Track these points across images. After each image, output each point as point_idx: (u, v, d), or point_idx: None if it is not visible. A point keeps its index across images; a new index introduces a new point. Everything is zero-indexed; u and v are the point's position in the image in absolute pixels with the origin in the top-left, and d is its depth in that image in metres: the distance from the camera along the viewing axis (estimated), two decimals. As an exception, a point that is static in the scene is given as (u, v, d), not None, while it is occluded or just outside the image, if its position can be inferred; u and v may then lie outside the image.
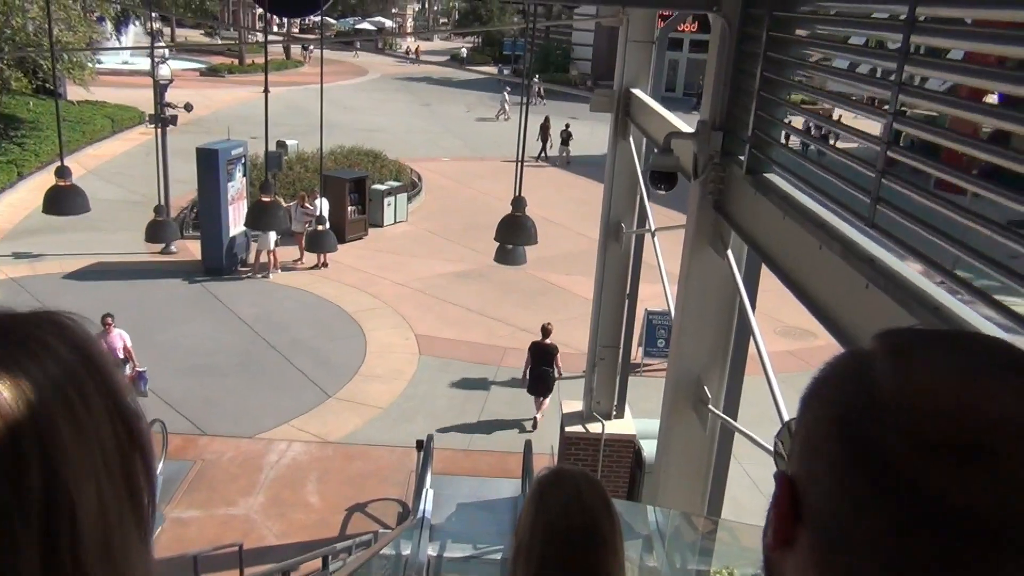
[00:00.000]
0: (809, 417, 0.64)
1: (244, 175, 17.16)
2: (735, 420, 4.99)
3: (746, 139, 4.22)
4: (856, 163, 3.05)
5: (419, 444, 9.64)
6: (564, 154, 29.61)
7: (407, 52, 56.31)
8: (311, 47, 56.39)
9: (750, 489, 8.94)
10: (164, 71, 16.92)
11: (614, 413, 9.29)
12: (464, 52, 59.89)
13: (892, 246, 2.75)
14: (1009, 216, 2.22)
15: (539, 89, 36.07)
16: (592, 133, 36.49)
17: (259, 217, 7.29)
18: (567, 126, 29.61)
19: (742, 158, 4.39)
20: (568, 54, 49.91)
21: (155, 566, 0.60)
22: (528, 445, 9.66)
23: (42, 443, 0.54)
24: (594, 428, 9.13)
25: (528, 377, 11.62)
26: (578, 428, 9.19)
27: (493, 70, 52.55)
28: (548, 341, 11.71)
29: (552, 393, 11.78)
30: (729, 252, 4.69)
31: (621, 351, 9.06)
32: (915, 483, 0.55)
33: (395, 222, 20.75)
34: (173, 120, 17.10)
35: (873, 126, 3.04)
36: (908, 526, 0.55)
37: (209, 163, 16.15)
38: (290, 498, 9.89)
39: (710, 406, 5.01)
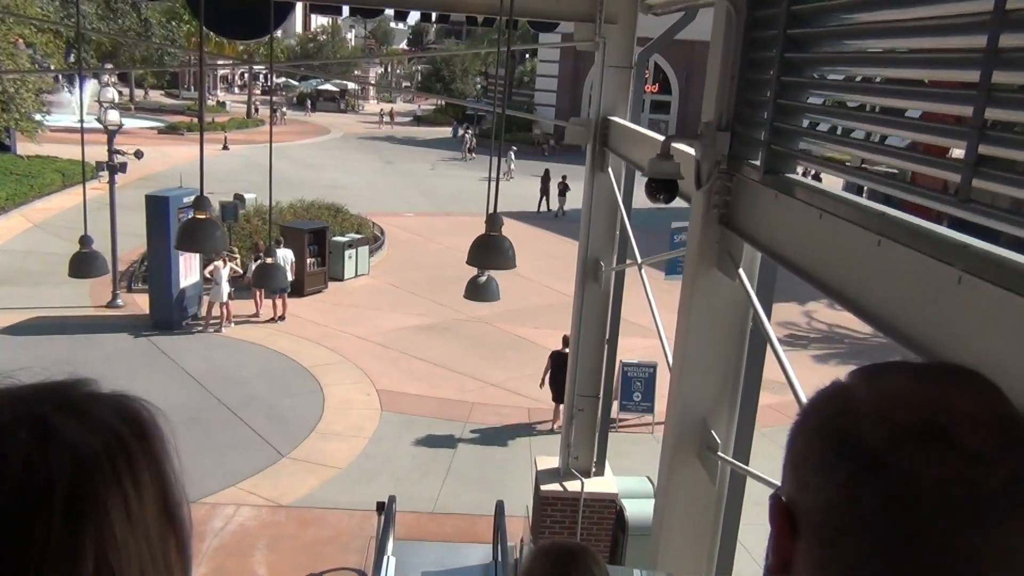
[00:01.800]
0: (797, 443, 0.72)
1: (197, 225, 16.34)
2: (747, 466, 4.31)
3: (762, 136, 3.63)
4: (935, 126, 2.45)
5: (380, 506, 8.75)
6: (560, 206, 30.09)
7: (382, 114, 56.26)
8: (284, 111, 56.29)
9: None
10: (113, 116, 16.19)
11: (594, 470, 8.54)
12: (418, 110, 60.22)
13: (998, 224, 2.12)
14: None
15: (510, 156, 36.55)
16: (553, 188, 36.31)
17: (192, 237, 5.97)
18: (564, 178, 29.96)
19: (755, 161, 3.81)
20: (531, 112, 50.01)
21: None
22: (500, 506, 8.83)
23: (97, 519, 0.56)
24: (572, 486, 8.35)
25: (547, 383, 12.37)
26: (555, 487, 8.41)
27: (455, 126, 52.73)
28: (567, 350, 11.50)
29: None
30: (741, 271, 4.06)
31: (601, 401, 8.35)
32: (891, 464, 0.65)
33: (356, 275, 20.00)
34: (123, 167, 16.35)
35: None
36: (889, 501, 0.64)
37: (159, 210, 15.35)
38: (235, 569, 8.92)
39: (719, 453, 4.32)
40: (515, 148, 37.55)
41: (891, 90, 2.94)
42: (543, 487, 8.41)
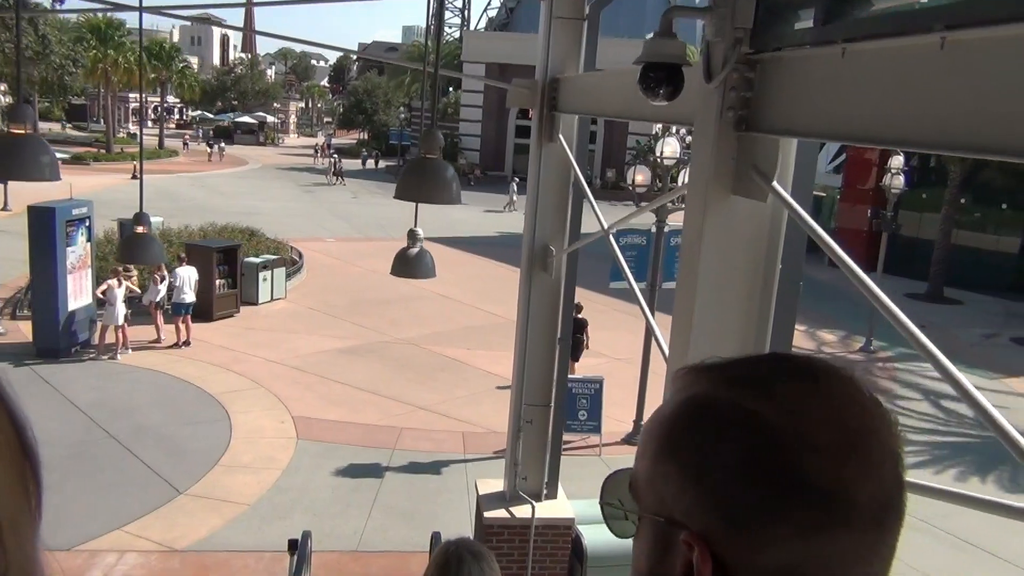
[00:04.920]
0: (704, 474, 0.68)
1: (88, 240, 14.66)
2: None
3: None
4: None
5: (292, 545, 7.32)
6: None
7: (316, 147, 54.81)
8: (222, 145, 54.27)
9: None
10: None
11: (545, 492, 7.32)
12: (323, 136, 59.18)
13: None
14: None
15: (513, 187, 36.46)
16: (483, 215, 35.46)
17: (133, 250, 6.99)
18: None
19: (800, 23, 2.76)
20: (456, 143, 49.23)
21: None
22: (436, 540, 7.50)
23: None
24: (521, 512, 7.12)
25: None
26: (501, 512, 7.15)
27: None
28: (580, 316, 12.91)
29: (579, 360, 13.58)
30: (775, 185, 2.97)
31: (553, 411, 7.17)
32: (827, 486, 0.65)
33: (272, 299, 18.44)
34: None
35: None
36: (825, 523, 0.65)
37: (43, 223, 13.63)
38: (115, 629, 7.36)
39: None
40: (518, 180, 35.34)
41: None
42: (487, 514, 7.14)
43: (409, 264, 5.35)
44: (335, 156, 45.87)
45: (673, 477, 0.70)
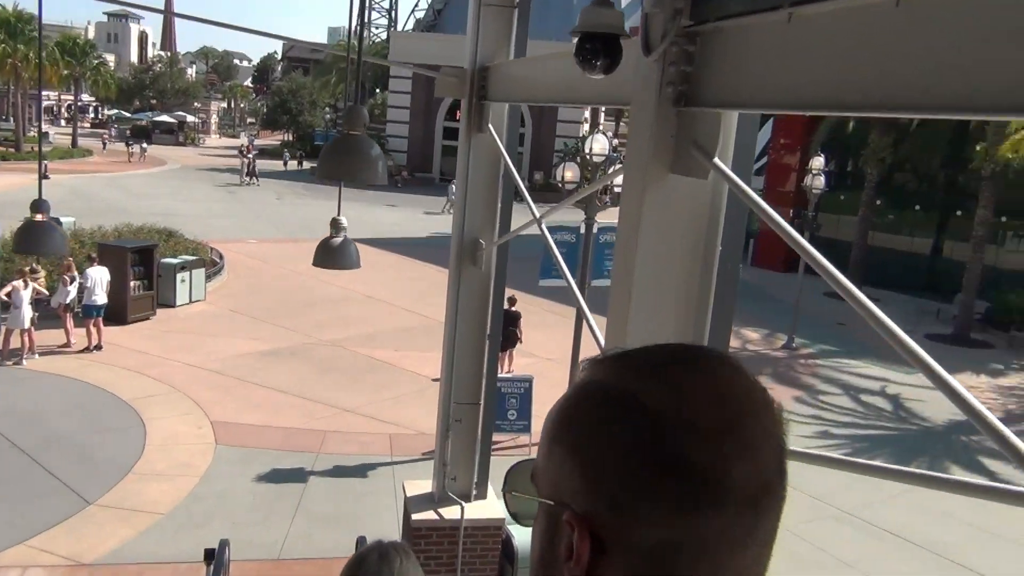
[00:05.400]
0: (590, 455, 0.69)
1: (-14, 238, 13.88)
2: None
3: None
4: None
5: (208, 555, 6.95)
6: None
7: (241, 148, 53.42)
8: (144, 146, 52.30)
9: None
10: None
11: (475, 492, 7.12)
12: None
13: None
14: None
15: (451, 188, 35.87)
16: (412, 216, 35.18)
17: (28, 239, 6.33)
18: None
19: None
20: (383, 144, 48.61)
21: None
22: (361, 544, 7.24)
23: None
24: (450, 513, 6.91)
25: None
26: (429, 514, 6.93)
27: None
28: (514, 309, 13.97)
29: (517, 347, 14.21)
30: (717, 161, 2.85)
31: (483, 409, 6.98)
32: (702, 466, 0.65)
33: (191, 301, 17.79)
34: None
35: None
36: (699, 502, 0.65)
37: (-60, 220, 12.82)
38: (16, 650, 6.88)
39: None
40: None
41: None
42: (414, 516, 6.91)
43: (332, 254, 5.12)
44: (250, 156, 44.87)
45: (563, 461, 0.71)
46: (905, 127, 23.57)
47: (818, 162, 18.34)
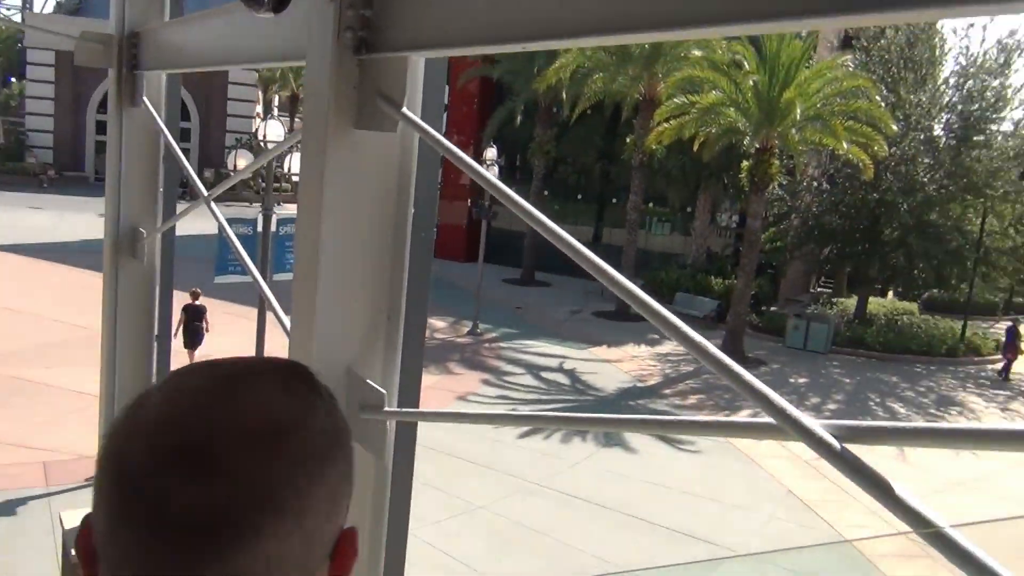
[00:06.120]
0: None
1: None
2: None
3: None
4: None
5: None
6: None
7: None
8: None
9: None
10: None
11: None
12: None
13: None
14: None
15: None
16: (61, 219, 31.49)
17: None
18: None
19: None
20: (23, 140, 42.98)
21: None
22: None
23: None
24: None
25: (183, 334, 13.51)
26: (96, 548, 6.03)
27: None
28: (198, 303, 13.91)
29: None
30: (405, 111, 2.62)
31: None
32: (153, 493, 0.57)
33: None
34: None
35: None
36: (153, 533, 0.58)
37: None
38: None
39: (386, 408, 2.80)
40: None
41: None
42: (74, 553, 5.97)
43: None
44: None
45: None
46: (565, 123, 25.46)
47: (491, 153, 19.14)
